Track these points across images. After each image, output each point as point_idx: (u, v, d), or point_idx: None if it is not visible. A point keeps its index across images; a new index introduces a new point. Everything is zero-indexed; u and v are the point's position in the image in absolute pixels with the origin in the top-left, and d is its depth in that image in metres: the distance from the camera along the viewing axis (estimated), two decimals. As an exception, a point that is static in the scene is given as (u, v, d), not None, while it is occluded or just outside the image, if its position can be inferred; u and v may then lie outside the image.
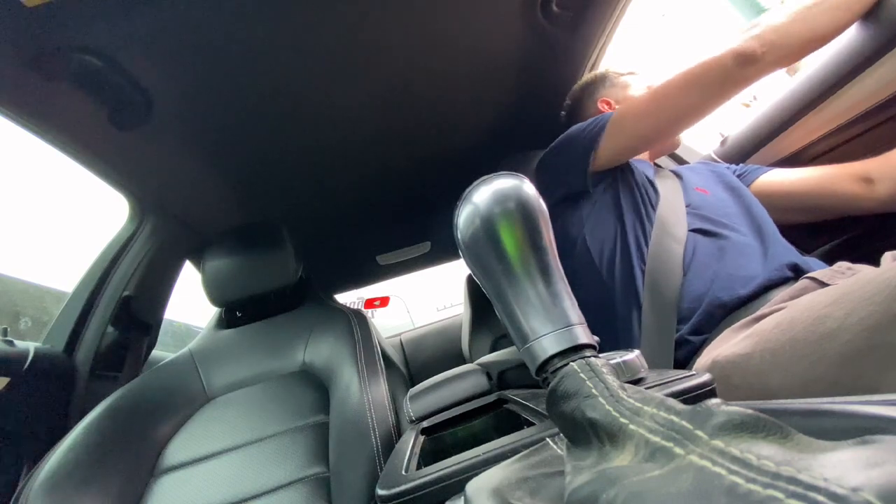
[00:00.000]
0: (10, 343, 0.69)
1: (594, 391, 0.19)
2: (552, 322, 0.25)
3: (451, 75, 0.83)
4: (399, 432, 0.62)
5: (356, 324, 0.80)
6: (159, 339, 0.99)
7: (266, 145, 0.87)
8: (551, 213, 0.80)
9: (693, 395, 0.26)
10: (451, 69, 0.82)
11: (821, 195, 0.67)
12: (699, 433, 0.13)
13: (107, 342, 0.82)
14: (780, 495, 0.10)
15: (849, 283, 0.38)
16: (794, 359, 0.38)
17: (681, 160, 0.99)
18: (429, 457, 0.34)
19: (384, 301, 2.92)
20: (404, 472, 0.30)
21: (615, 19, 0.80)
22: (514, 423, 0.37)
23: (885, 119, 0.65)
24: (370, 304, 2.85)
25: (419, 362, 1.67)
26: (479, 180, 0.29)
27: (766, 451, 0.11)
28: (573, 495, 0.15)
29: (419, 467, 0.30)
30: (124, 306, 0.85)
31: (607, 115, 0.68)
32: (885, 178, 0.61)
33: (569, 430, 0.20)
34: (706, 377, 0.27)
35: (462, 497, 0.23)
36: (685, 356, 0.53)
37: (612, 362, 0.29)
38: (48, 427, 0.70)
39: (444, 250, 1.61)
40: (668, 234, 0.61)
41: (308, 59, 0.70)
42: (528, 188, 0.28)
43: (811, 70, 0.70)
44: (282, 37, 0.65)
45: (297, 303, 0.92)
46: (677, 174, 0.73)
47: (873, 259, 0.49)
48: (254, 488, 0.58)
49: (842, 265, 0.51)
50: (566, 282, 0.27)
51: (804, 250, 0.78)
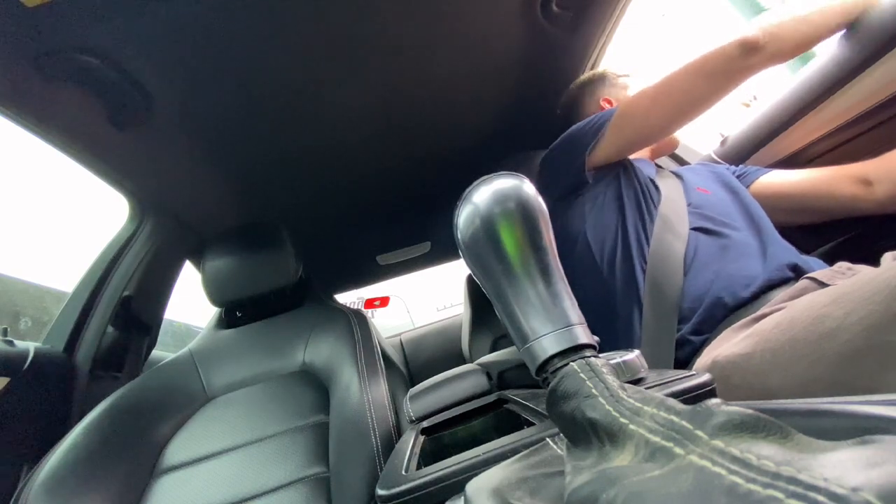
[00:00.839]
0: (10, 343, 0.69)
1: (594, 391, 0.19)
2: (552, 322, 0.25)
3: (451, 75, 0.83)
4: (399, 432, 0.62)
5: (356, 324, 0.80)
6: (159, 339, 0.99)
7: (266, 145, 0.87)
8: (553, 211, 0.80)
9: (693, 395, 0.26)
10: (451, 69, 0.82)
11: (819, 197, 0.68)
12: (699, 433, 0.13)
13: (107, 342, 0.82)
14: (780, 495, 0.10)
15: (848, 282, 0.38)
16: (794, 358, 0.38)
17: (681, 160, 0.99)
18: (429, 457, 0.34)
19: (384, 301, 2.93)
20: (404, 472, 0.30)
21: (615, 19, 0.80)
22: (514, 423, 0.37)
23: (885, 119, 0.65)
24: (370, 304, 2.86)
25: (419, 362, 1.67)
26: (479, 180, 0.29)
27: (766, 451, 0.11)
28: (573, 495, 0.15)
29: (419, 467, 0.30)
30: (124, 306, 0.85)
31: (611, 109, 0.68)
32: (883, 179, 0.61)
33: (569, 430, 0.20)
34: (706, 377, 0.27)
35: (462, 497, 0.23)
36: (686, 356, 0.53)
37: (612, 362, 0.29)
38: (48, 427, 0.69)
39: (444, 250, 1.61)
40: (670, 232, 0.61)
41: (308, 60, 0.70)
42: (528, 188, 0.28)
43: (811, 70, 0.70)
44: (282, 37, 0.65)
45: (297, 303, 0.92)
46: (678, 175, 0.73)
47: (873, 259, 0.49)
48: (254, 488, 0.58)
49: (842, 265, 0.51)
50: (566, 282, 0.27)
51: (804, 251, 0.78)
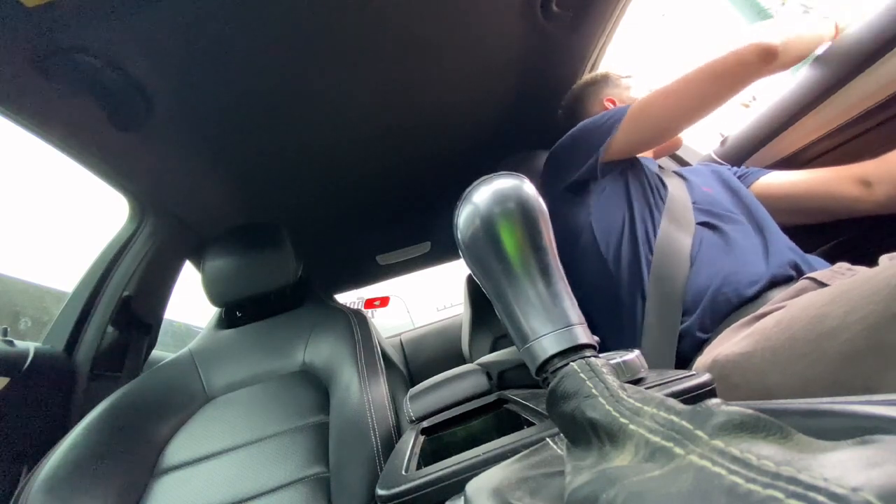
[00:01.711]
0: (10, 343, 0.69)
1: (594, 391, 0.19)
2: (552, 322, 0.25)
3: (451, 75, 0.83)
4: (399, 432, 0.62)
5: (356, 324, 0.80)
6: (159, 339, 0.99)
7: (266, 145, 0.87)
8: (558, 202, 0.79)
9: (693, 395, 0.26)
10: (451, 69, 0.82)
11: (819, 197, 0.68)
12: (699, 433, 0.13)
13: (107, 342, 0.82)
14: (780, 495, 0.10)
15: (848, 282, 0.38)
16: (794, 358, 0.38)
17: (681, 160, 0.99)
18: (429, 457, 0.34)
19: (384, 301, 2.93)
20: (404, 472, 0.30)
21: (615, 19, 0.80)
22: (514, 423, 0.37)
23: (884, 120, 0.65)
24: (370, 304, 2.85)
25: (419, 362, 1.67)
26: (479, 180, 0.29)
27: (766, 451, 0.11)
28: (573, 495, 0.15)
29: (419, 467, 0.30)
30: (124, 306, 0.85)
31: (624, 107, 0.69)
32: (882, 180, 0.61)
33: (569, 430, 0.20)
34: (706, 377, 0.27)
35: (462, 497, 0.23)
36: (687, 349, 0.53)
37: (612, 362, 0.29)
38: (48, 427, 0.69)
39: (444, 250, 1.61)
40: (677, 225, 0.61)
41: (308, 60, 0.70)
42: (528, 188, 0.28)
43: (811, 70, 0.70)
44: (282, 37, 0.65)
45: (297, 303, 0.92)
46: (681, 175, 0.73)
47: (872, 260, 0.49)
48: (254, 488, 0.58)
49: (841, 266, 0.51)
50: (566, 282, 0.27)
51: (804, 251, 0.78)
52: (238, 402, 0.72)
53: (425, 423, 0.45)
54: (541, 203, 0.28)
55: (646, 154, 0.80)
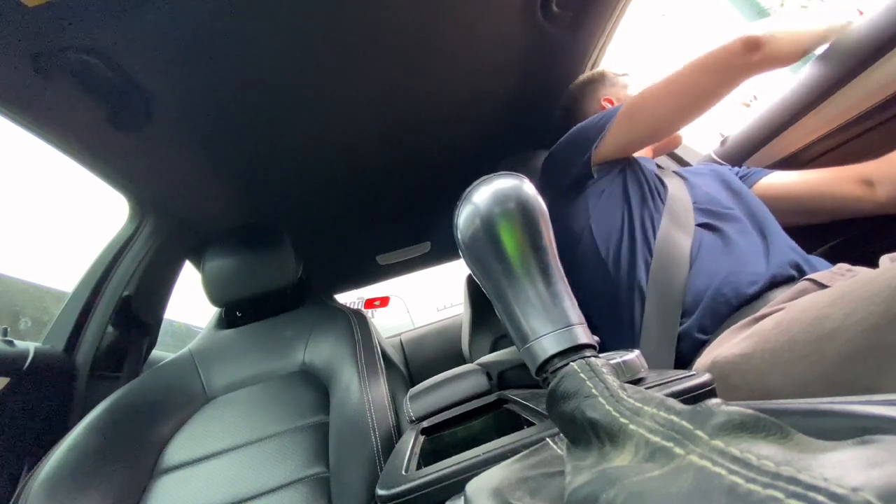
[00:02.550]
0: (10, 343, 0.68)
1: (594, 391, 0.19)
2: (552, 322, 0.25)
3: (451, 75, 0.83)
4: (399, 432, 0.62)
5: (356, 324, 0.80)
6: (159, 339, 0.99)
7: (266, 145, 0.87)
8: (558, 204, 0.79)
9: (693, 395, 0.26)
10: (451, 69, 0.82)
11: (821, 197, 0.68)
12: (699, 433, 0.13)
13: (107, 342, 0.82)
14: (780, 495, 0.10)
15: (848, 283, 0.38)
16: (794, 359, 0.38)
17: (681, 160, 0.99)
18: (429, 457, 0.34)
19: (384, 301, 2.93)
20: (404, 472, 0.30)
21: (615, 19, 0.80)
22: (514, 423, 0.37)
23: (885, 119, 0.65)
24: (370, 304, 2.85)
25: (419, 362, 1.67)
26: (479, 180, 0.29)
27: (766, 451, 0.11)
28: (573, 495, 0.15)
29: (419, 467, 0.30)
30: (124, 306, 0.85)
31: (617, 106, 0.69)
32: (885, 180, 0.61)
33: (569, 430, 0.20)
34: (706, 377, 0.27)
35: (462, 497, 0.23)
36: (687, 351, 0.53)
37: (612, 362, 0.29)
38: (48, 427, 0.70)
39: (444, 250, 1.61)
40: (677, 226, 0.61)
41: (307, 60, 0.70)
42: (528, 188, 0.28)
43: (811, 70, 0.70)
44: (281, 37, 0.65)
45: (297, 303, 0.92)
46: (681, 175, 0.73)
47: (873, 261, 0.49)
48: (254, 488, 0.58)
49: (841, 267, 0.51)
50: (566, 282, 0.27)
51: (805, 251, 0.78)
52: (238, 402, 0.72)
53: (425, 423, 0.45)
54: (541, 203, 0.28)
55: (645, 153, 0.80)
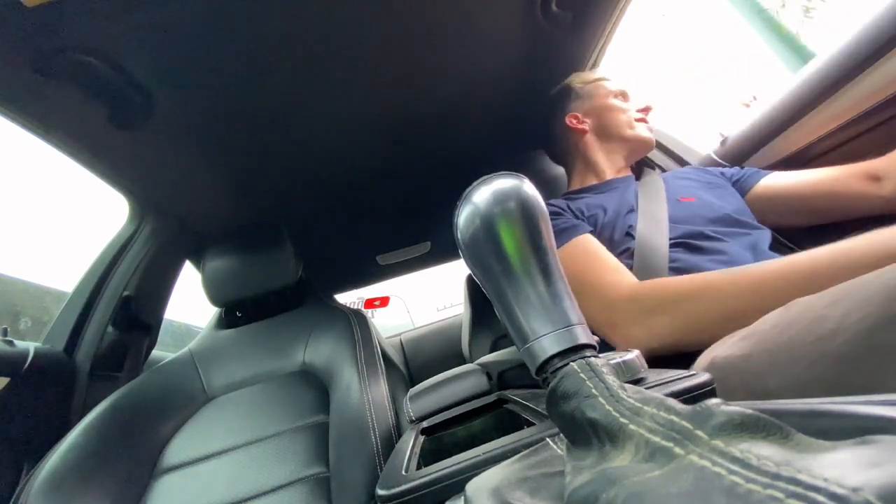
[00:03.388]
0: (10, 343, 0.68)
1: (594, 391, 0.19)
2: (552, 322, 0.25)
3: (450, 75, 0.83)
4: (399, 432, 0.62)
5: (356, 324, 0.80)
6: (159, 339, 0.99)
7: (266, 145, 0.87)
8: None
9: (693, 395, 0.26)
10: (450, 70, 0.82)
11: (825, 196, 0.66)
12: (699, 433, 0.13)
13: (107, 342, 0.82)
14: (779, 495, 0.10)
15: (848, 284, 0.38)
16: (793, 360, 0.38)
17: (681, 160, 0.99)
18: (429, 457, 0.34)
19: (384, 301, 2.92)
20: (404, 472, 0.30)
21: (615, 19, 0.80)
22: (514, 423, 0.37)
23: (886, 119, 0.65)
24: (370, 304, 2.85)
25: (419, 362, 1.67)
26: (479, 180, 0.29)
27: (766, 452, 0.11)
28: (573, 495, 0.15)
29: (419, 467, 0.30)
30: (124, 306, 0.85)
31: (576, 230, 0.65)
32: (891, 175, 0.60)
33: (569, 430, 0.20)
34: (706, 377, 0.27)
35: (462, 497, 0.23)
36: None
37: (612, 362, 0.29)
38: (48, 427, 0.70)
39: (444, 250, 1.61)
40: (650, 252, 0.59)
41: (308, 60, 0.70)
42: (528, 188, 0.28)
43: (811, 70, 0.70)
44: (281, 37, 0.65)
45: (297, 303, 0.92)
46: (663, 181, 0.72)
47: None
48: (254, 488, 0.58)
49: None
50: (566, 282, 0.27)
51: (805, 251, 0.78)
52: (238, 402, 0.72)
53: (425, 423, 0.45)
54: (541, 203, 0.28)
55: (619, 158, 0.80)
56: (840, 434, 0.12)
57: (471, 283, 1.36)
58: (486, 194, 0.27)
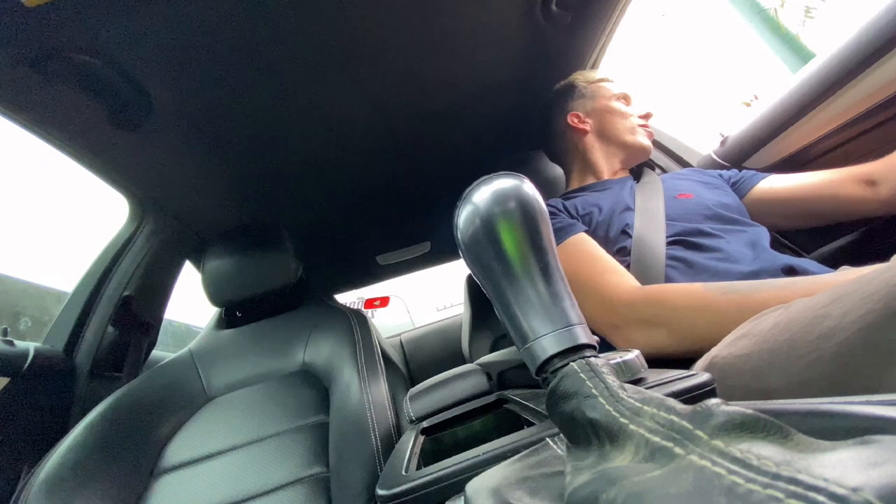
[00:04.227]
0: (10, 343, 0.69)
1: (594, 391, 0.19)
2: (552, 322, 0.25)
3: (450, 76, 0.83)
4: (399, 432, 0.62)
5: (356, 324, 0.80)
6: (159, 339, 0.99)
7: (266, 145, 0.87)
8: None
9: (693, 395, 0.26)
10: (450, 69, 0.82)
11: (823, 199, 0.66)
12: (699, 433, 0.13)
13: (107, 342, 0.82)
14: (779, 495, 0.10)
15: (847, 283, 0.38)
16: (792, 359, 0.38)
17: (681, 160, 0.99)
18: (429, 457, 0.34)
19: (384, 301, 2.93)
20: (404, 472, 0.30)
21: (615, 20, 0.80)
22: (514, 423, 0.37)
23: (887, 118, 0.65)
24: (370, 304, 2.86)
25: (419, 362, 1.67)
26: (479, 180, 0.29)
27: (766, 452, 0.11)
28: (573, 495, 0.15)
29: (419, 467, 0.30)
30: (124, 306, 0.85)
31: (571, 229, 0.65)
32: (888, 179, 0.60)
33: (569, 430, 0.20)
34: (706, 377, 0.26)
35: (462, 497, 0.23)
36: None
37: (612, 362, 0.29)
38: (48, 427, 0.70)
39: (444, 250, 1.61)
40: (647, 250, 0.59)
41: (308, 60, 0.70)
42: (528, 188, 0.27)
43: (811, 70, 0.70)
44: (281, 37, 0.65)
45: (297, 303, 0.92)
46: (661, 182, 0.72)
47: (876, 261, 0.49)
48: (254, 488, 0.58)
49: (844, 269, 0.51)
50: (566, 282, 0.27)
51: (805, 251, 0.78)
52: (238, 402, 0.72)
53: (425, 423, 0.44)
54: (541, 203, 0.28)
55: (616, 163, 0.80)
56: (840, 434, 0.12)
57: (471, 283, 1.36)
58: (486, 194, 0.27)
